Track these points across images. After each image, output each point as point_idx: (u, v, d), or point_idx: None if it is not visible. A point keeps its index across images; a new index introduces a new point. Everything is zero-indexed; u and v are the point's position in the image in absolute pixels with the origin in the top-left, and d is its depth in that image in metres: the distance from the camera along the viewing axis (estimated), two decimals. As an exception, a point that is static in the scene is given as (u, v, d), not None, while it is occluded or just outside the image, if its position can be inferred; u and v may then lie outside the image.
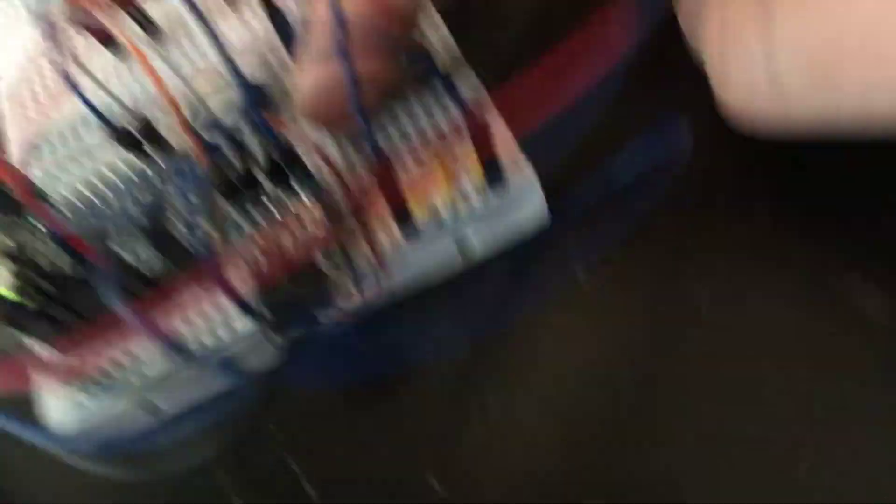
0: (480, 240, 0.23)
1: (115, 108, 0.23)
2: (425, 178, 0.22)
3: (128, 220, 0.21)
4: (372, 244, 0.22)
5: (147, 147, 0.23)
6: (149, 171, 0.23)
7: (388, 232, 0.22)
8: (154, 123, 0.23)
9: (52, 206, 0.22)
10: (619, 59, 0.20)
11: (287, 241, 0.21)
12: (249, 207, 0.22)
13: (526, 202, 0.22)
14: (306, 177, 0.22)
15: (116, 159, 0.23)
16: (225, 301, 0.20)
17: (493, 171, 0.21)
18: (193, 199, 0.21)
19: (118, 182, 0.22)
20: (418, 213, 0.21)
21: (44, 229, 0.19)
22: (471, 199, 0.22)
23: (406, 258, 0.22)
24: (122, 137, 0.23)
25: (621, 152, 0.22)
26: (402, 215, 0.21)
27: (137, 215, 0.21)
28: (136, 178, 0.22)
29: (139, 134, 0.22)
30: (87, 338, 0.20)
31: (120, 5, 0.24)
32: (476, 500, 0.21)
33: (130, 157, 0.23)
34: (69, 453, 0.21)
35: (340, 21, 0.17)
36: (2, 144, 0.25)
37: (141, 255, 0.21)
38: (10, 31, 0.27)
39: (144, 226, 0.21)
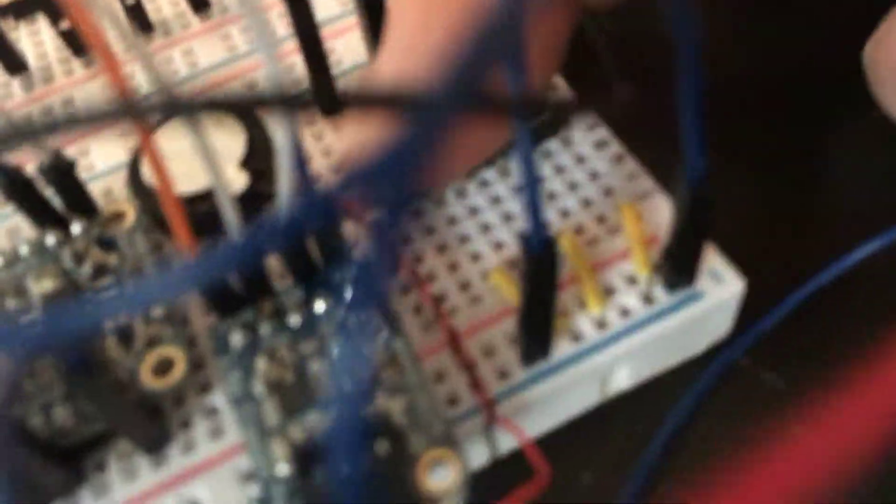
0: (632, 365, 0.14)
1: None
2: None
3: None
4: (476, 381, 0.13)
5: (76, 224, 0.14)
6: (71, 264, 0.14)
7: (504, 359, 0.13)
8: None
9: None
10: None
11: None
12: (261, 327, 0.13)
13: (711, 318, 0.14)
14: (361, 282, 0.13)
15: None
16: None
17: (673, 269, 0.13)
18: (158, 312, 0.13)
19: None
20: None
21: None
22: (629, 308, 0.14)
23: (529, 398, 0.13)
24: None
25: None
26: (537, 339, 0.13)
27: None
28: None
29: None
30: None
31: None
32: None
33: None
34: None
35: None
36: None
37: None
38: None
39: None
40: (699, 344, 0.14)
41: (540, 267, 0.11)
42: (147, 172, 0.15)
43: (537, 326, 0.12)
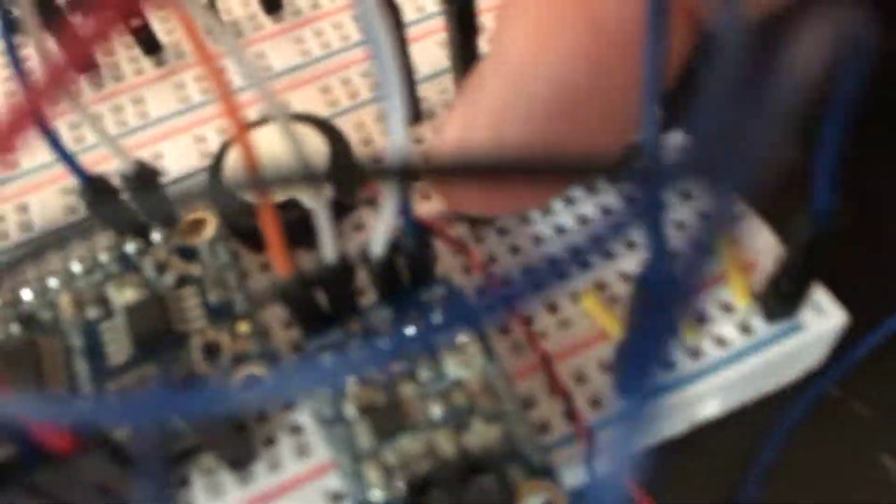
0: (724, 394, 0.14)
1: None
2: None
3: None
4: (572, 410, 0.12)
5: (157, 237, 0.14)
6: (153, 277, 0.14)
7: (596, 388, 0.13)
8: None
9: None
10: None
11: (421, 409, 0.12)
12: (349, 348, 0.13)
13: (808, 350, 0.13)
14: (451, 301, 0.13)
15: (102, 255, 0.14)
16: None
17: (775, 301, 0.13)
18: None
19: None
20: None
21: None
22: (727, 337, 0.13)
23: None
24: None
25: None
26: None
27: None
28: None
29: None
30: None
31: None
32: None
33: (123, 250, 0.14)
34: None
35: None
36: None
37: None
38: None
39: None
40: (791, 374, 0.14)
41: (659, 304, 0.10)
42: (229, 179, 0.15)
43: (641, 360, 0.12)
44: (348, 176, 0.15)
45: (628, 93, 0.13)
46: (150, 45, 0.19)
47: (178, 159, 0.17)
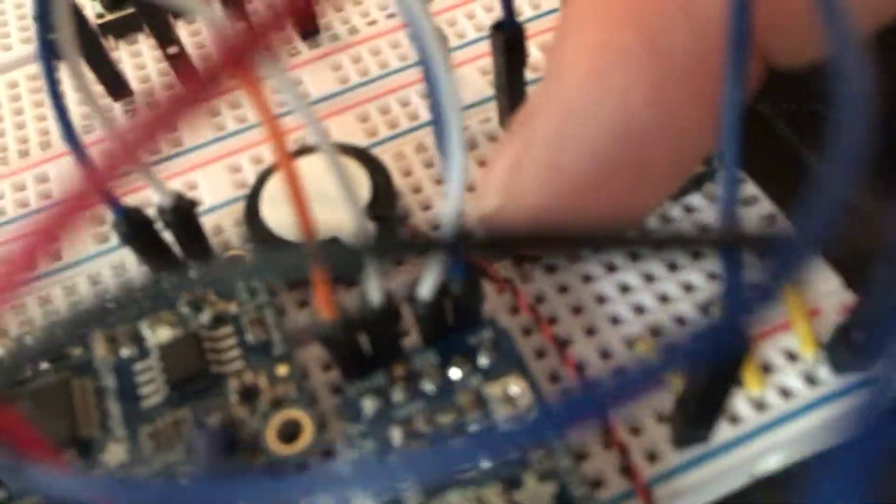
0: (788, 449, 0.13)
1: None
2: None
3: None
4: (628, 465, 0.12)
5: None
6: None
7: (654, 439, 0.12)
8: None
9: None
10: None
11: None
12: (393, 393, 0.12)
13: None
14: (496, 343, 0.12)
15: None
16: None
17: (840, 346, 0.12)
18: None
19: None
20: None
21: None
22: (791, 388, 0.12)
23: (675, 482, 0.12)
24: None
25: None
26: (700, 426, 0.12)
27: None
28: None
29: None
30: None
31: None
32: None
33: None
34: None
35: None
36: None
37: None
38: None
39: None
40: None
41: (726, 360, 0.10)
42: (268, 214, 0.15)
43: (704, 416, 0.11)
44: (387, 207, 0.15)
45: (690, 135, 0.12)
46: (188, 72, 0.19)
47: (212, 189, 0.17)
